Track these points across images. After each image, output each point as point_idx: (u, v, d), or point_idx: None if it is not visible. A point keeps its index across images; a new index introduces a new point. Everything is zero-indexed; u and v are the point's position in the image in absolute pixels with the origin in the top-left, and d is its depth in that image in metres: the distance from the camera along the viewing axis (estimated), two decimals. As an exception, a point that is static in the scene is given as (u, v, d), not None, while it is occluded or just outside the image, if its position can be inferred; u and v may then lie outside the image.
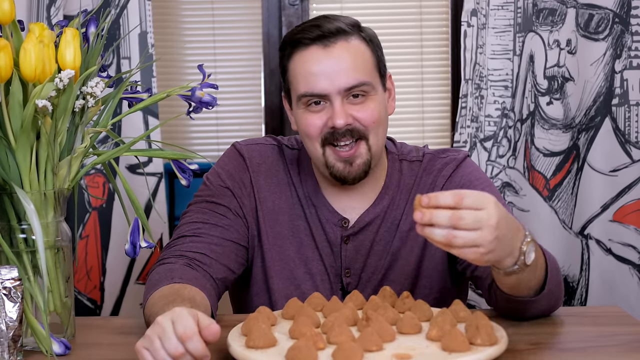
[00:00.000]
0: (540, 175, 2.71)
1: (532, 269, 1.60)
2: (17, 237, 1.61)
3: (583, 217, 2.64)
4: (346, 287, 1.90)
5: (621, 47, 2.56)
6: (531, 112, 2.72)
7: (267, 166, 1.94)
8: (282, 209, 1.92)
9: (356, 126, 1.82)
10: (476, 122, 2.77)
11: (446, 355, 1.42)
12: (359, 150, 1.83)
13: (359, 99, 1.83)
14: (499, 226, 1.47)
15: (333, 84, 1.81)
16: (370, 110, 1.83)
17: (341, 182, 1.86)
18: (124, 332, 1.75)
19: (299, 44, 1.85)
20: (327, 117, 1.82)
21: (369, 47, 1.87)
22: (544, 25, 2.69)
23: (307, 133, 1.84)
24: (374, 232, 1.91)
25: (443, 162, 1.94)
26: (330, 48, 1.83)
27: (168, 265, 1.78)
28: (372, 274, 1.91)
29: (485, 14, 2.74)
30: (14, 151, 1.56)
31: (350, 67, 1.82)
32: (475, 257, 1.48)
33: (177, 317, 1.40)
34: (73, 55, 1.57)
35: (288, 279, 1.91)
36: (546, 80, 2.70)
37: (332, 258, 1.91)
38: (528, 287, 1.66)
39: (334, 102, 1.81)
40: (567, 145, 2.67)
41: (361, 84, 1.82)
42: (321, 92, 1.82)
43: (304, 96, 1.83)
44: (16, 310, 1.50)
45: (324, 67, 1.82)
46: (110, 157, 1.67)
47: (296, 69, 1.85)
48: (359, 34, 1.87)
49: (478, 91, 2.76)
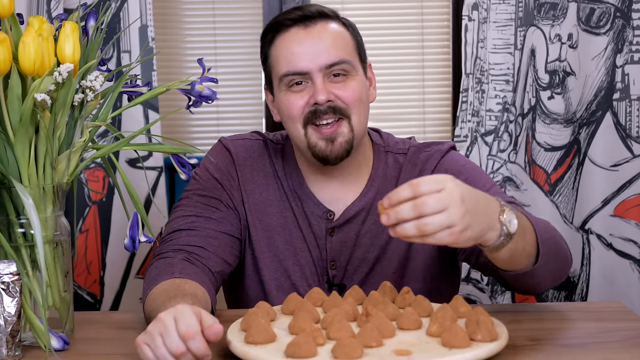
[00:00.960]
0: (541, 170, 2.71)
1: (521, 236, 1.57)
2: (16, 232, 1.60)
3: (584, 212, 2.63)
4: (332, 280, 1.91)
5: (622, 41, 2.56)
6: (532, 106, 2.72)
7: (253, 160, 1.96)
8: (270, 201, 1.93)
9: (338, 104, 1.84)
10: (477, 117, 2.76)
11: (446, 351, 1.42)
12: (341, 128, 1.84)
13: (340, 78, 1.85)
14: (465, 200, 1.44)
15: (314, 61, 1.83)
16: (351, 88, 1.85)
17: (323, 162, 1.86)
18: (123, 327, 1.75)
19: (280, 26, 1.88)
20: (309, 95, 1.84)
21: (349, 31, 1.91)
22: (545, 20, 2.68)
23: (290, 114, 1.86)
24: (359, 224, 1.92)
25: (427, 155, 1.94)
26: (311, 28, 1.86)
27: (167, 260, 1.78)
28: (358, 266, 1.91)
29: (486, 8, 2.73)
30: (12, 145, 1.56)
31: (330, 45, 1.85)
32: (454, 239, 1.44)
33: (180, 315, 1.39)
34: (72, 49, 1.57)
35: (278, 271, 1.92)
36: (547, 74, 2.69)
37: (317, 250, 1.92)
38: (526, 255, 1.63)
39: (315, 79, 1.83)
40: (568, 139, 2.67)
41: (342, 62, 1.85)
42: (302, 70, 1.84)
43: (285, 76, 1.85)
44: (14, 305, 1.50)
45: (305, 46, 1.85)
46: (110, 151, 1.67)
47: (277, 51, 1.88)
48: (339, 19, 1.91)
49: (479, 85, 2.75)
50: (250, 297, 1.94)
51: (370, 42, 3.19)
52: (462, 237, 1.45)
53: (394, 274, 1.91)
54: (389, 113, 3.24)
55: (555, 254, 1.72)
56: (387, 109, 3.24)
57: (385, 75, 3.23)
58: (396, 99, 3.25)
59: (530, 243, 1.63)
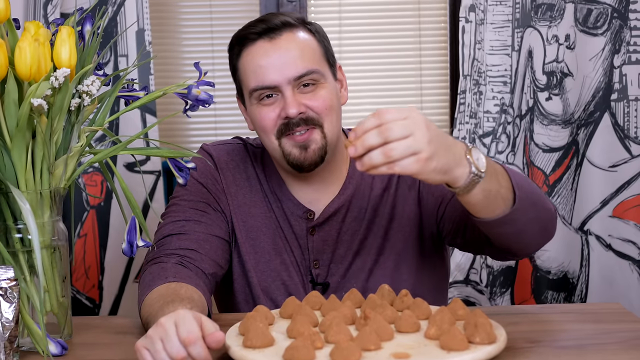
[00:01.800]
0: (539, 171, 2.71)
1: (493, 175, 1.58)
2: (13, 237, 1.60)
3: (583, 213, 2.63)
4: (316, 279, 1.93)
5: (620, 42, 2.56)
6: (530, 107, 2.72)
7: (235, 163, 1.98)
8: (253, 203, 1.95)
9: (309, 114, 1.85)
10: (475, 118, 2.76)
11: (445, 354, 1.41)
12: (313, 135, 1.85)
13: (310, 88, 1.86)
14: (430, 128, 1.46)
15: (282, 74, 1.83)
16: (322, 98, 1.86)
17: (298, 169, 1.88)
18: (121, 331, 1.74)
19: (245, 40, 1.89)
20: (280, 108, 1.85)
21: (315, 38, 1.90)
22: (543, 21, 2.68)
23: (263, 127, 1.87)
24: (339, 221, 1.94)
25: None
26: (277, 40, 1.86)
27: (160, 265, 1.78)
28: (341, 263, 1.93)
29: (483, 9, 2.73)
30: (9, 150, 1.55)
31: (297, 56, 1.85)
32: (420, 166, 1.45)
33: (181, 320, 1.39)
34: (69, 54, 1.57)
35: (264, 272, 1.93)
36: (545, 75, 2.69)
37: (300, 250, 1.93)
38: (501, 198, 1.62)
39: (285, 92, 1.84)
40: (567, 140, 2.67)
41: (310, 72, 1.85)
42: (271, 84, 1.84)
43: (255, 90, 1.86)
44: (12, 311, 1.49)
45: (272, 59, 1.85)
46: (107, 155, 1.67)
47: (245, 64, 1.88)
48: (304, 26, 1.90)
49: (477, 87, 2.75)
50: (238, 299, 1.95)
51: (367, 45, 3.20)
52: (428, 166, 1.46)
53: (371, 264, 1.92)
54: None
55: (534, 202, 1.69)
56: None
57: (383, 77, 3.23)
58: (393, 101, 3.25)
59: (505, 186, 1.62)
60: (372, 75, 3.22)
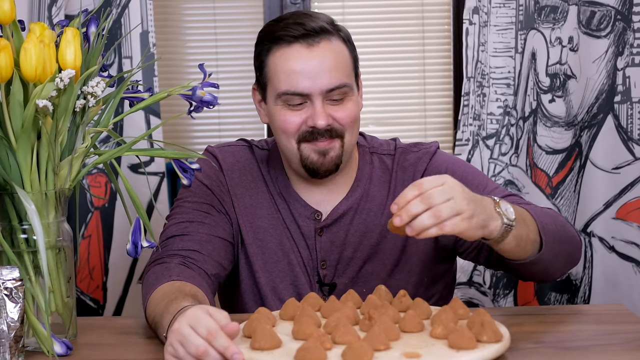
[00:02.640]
0: (542, 173, 2.71)
1: (521, 222, 1.68)
2: (18, 238, 1.61)
3: (586, 215, 2.63)
4: (323, 279, 1.93)
5: (623, 44, 2.56)
6: (533, 109, 2.72)
7: (240, 165, 1.97)
8: (259, 204, 1.95)
9: (335, 126, 1.85)
10: (478, 120, 2.77)
11: (454, 353, 1.42)
12: (333, 144, 1.85)
13: (338, 99, 1.85)
14: (465, 191, 1.59)
15: (315, 84, 1.82)
16: (348, 110, 1.86)
17: (313, 174, 1.88)
18: (125, 332, 1.75)
19: (280, 40, 1.86)
20: (307, 115, 1.84)
21: (347, 47, 1.89)
22: (546, 23, 2.69)
23: (284, 129, 1.86)
24: (347, 223, 1.94)
25: (416, 157, 1.97)
26: (314, 47, 1.84)
27: (163, 265, 1.79)
28: (348, 265, 1.93)
29: (487, 11, 2.74)
30: (14, 151, 1.56)
31: (332, 67, 1.84)
32: (467, 225, 1.56)
33: (194, 320, 1.41)
34: (74, 55, 1.57)
35: (272, 272, 1.93)
36: (548, 77, 2.69)
37: (307, 251, 1.93)
38: (530, 242, 1.72)
39: (315, 102, 1.83)
40: (570, 142, 2.67)
41: (342, 86, 1.84)
42: (303, 92, 1.83)
43: (284, 94, 1.84)
44: (17, 311, 1.50)
45: (307, 66, 1.83)
46: (112, 156, 1.67)
47: (277, 65, 1.86)
48: (338, 34, 1.88)
49: (480, 89, 2.75)
50: (246, 299, 1.95)
51: (371, 47, 3.21)
52: (472, 224, 1.58)
53: (385, 274, 1.93)
54: (390, 117, 3.24)
55: (560, 238, 1.79)
56: (388, 112, 3.24)
57: (387, 80, 3.23)
58: (397, 103, 3.25)
59: (533, 230, 1.72)
60: (376, 77, 3.23)
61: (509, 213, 1.65)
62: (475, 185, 1.86)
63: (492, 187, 1.92)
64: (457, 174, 1.83)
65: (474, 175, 1.95)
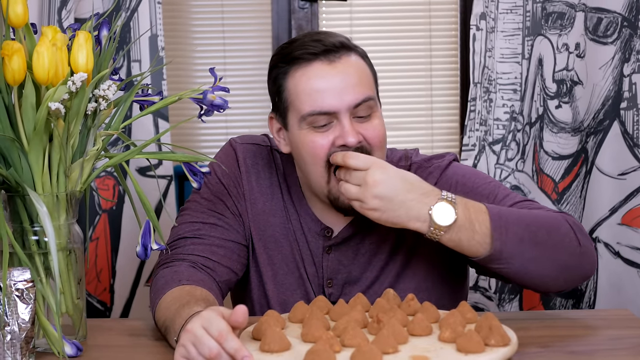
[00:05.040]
0: (548, 179, 2.72)
1: (464, 228, 1.69)
2: (30, 239, 1.62)
3: (591, 221, 2.64)
4: (328, 297, 1.87)
5: (630, 50, 2.56)
6: (540, 115, 2.73)
7: (259, 167, 1.93)
8: (273, 211, 1.91)
9: (364, 145, 1.78)
10: (485, 126, 2.77)
11: (462, 356, 1.43)
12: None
13: (365, 116, 1.79)
14: (379, 186, 1.67)
15: (342, 100, 1.75)
16: (377, 129, 1.80)
17: (338, 209, 1.84)
18: (134, 334, 1.76)
19: (299, 60, 1.78)
20: (335, 136, 1.77)
21: (366, 62, 1.84)
22: (553, 29, 2.69)
23: (314, 154, 1.78)
24: (357, 243, 1.90)
25: (428, 172, 1.90)
26: (336, 63, 1.77)
27: (173, 268, 1.79)
28: (355, 285, 1.89)
29: (494, 17, 2.75)
30: (26, 153, 1.57)
31: (356, 82, 1.77)
32: (364, 213, 1.70)
33: (207, 321, 1.42)
34: (85, 59, 1.59)
35: (283, 285, 1.91)
36: (555, 83, 2.70)
37: (314, 267, 1.90)
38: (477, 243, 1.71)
39: (343, 120, 1.76)
40: (576, 148, 2.68)
41: (368, 99, 1.78)
42: (330, 110, 1.76)
43: (310, 115, 1.77)
44: (29, 312, 1.51)
45: (331, 83, 1.76)
46: (122, 159, 1.68)
47: (299, 86, 1.78)
48: (356, 50, 1.83)
49: (487, 95, 2.76)
50: (256, 308, 1.93)
51: (378, 52, 3.22)
52: (372, 215, 1.70)
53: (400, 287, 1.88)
54: (397, 122, 3.25)
55: (537, 240, 1.72)
56: (395, 117, 3.25)
57: (394, 85, 3.24)
58: (404, 108, 3.26)
59: (482, 233, 1.70)
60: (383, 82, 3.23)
61: (440, 220, 1.67)
62: (485, 195, 1.83)
63: (502, 196, 1.85)
64: (467, 186, 1.84)
65: (485, 186, 1.87)
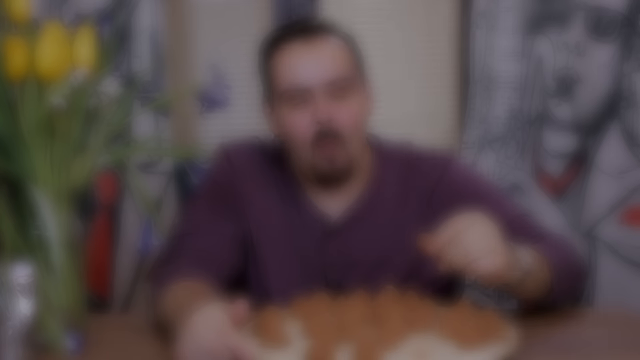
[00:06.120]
0: (548, 177, 2.72)
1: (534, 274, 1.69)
2: (31, 234, 1.62)
3: (591, 219, 2.64)
4: (330, 285, 1.89)
5: (630, 49, 2.57)
6: (539, 113, 2.73)
7: (252, 166, 1.95)
8: (269, 208, 1.93)
9: (334, 126, 1.81)
10: (484, 124, 2.78)
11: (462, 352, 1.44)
12: (337, 150, 1.82)
13: (340, 97, 1.82)
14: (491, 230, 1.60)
15: (314, 76, 1.81)
16: (352, 110, 1.83)
17: (323, 181, 1.88)
18: (135, 329, 1.77)
19: (279, 41, 1.86)
20: (312, 113, 1.81)
21: (349, 45, 1.88)
22: (553, 27, 2.70)
23: (296, 133, 1.83)
24: (357, 229, 1.92)
25: (430, 166, 1.95)
26: (312, 42, 1.83)
27: (173, 264, 1.81)
28: (357, 270, 1.91)
29: (494, 15, 2.75)
30: (29, 149, 1.58)
31: (331, 60, 1.82)
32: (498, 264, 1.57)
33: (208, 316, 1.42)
34: (88, 54, 1.59)
35: (282, 276, 1.92)
36: (555, 82, 2.70)
37: (315, 255, 1.91)
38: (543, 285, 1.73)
39: (316, 96, 1.80)
40: (575, 147, 2.68)
41: (343, 79, 1.82)
42: (303, 85, 1.81)
43: (286, 92, 1.82)
44: (30, 306, 1.51)
45: (306, 60, 1.82)
46: (123, 155, 1.69)
47: (277, 65, 1.84)
48: (338, 33, 1.88)
49: (486, 92, 2.76)
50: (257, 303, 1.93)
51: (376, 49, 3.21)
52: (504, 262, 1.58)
53: (395, 280, 1.87)
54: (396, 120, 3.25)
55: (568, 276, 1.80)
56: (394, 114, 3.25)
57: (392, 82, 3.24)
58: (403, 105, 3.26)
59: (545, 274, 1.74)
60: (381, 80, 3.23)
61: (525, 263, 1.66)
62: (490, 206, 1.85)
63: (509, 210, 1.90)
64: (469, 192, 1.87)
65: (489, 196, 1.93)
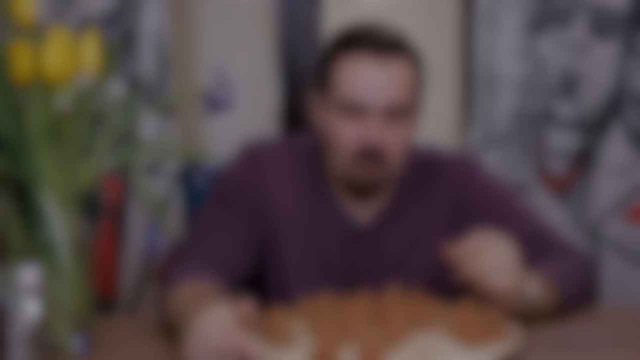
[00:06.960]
0: (552, 176, 2.73)
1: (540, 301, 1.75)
2: (38, 236, 1.63)
3: (595, 217, 2.65)
4: (355, 288, 1.86)
5: (632, 47, 2.57)
6: (543, 112, 2.73)
7: (278, 165, 1.94)
8: (295, 208, 1.92)
9: (382, 148, 1.81)
10: (488, 123, 2.78)
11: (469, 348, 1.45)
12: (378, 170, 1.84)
13: (394, 120, 1.82)
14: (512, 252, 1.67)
15: (375, 99, 1.80)
16: (400, 136, 1.84)
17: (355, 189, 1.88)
18: (143, 330, 1.77)
19: (352, 46, 1.84)
20: (363, 129, 1.81)
21: (417, 67, 1.89)
22: (556, 26, 2.70)
23: (341, 142, 1.83)
24: (384, 234, 1.92)
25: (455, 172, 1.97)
26: (383, 59, 1.82)
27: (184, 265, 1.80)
28: (382, 274, 1.90)
29: (497, 14, 2.75)
30: (35, 152, 1.59)
31: (396, 83, 1.82)
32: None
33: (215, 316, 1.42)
34: (93, 58, 1.60)
35: (302, 278, 1.91)
36: (558, 80, 2.71)
37: (340, 258, 1.91)
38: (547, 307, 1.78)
39: (372, 117, 1.80)
40: (579, 145, 2.68)
41: (400, 107, 1.82)
42: (363, 104, 1.80)
43: (344, 101, 1.82)
44: (37, 308, 1.52)
45: (373, 79, 1.81)
46: (129, 157, 1.70)
47: (343, 71, 1.83)
48: (411, 52, 1.88)
49: (490, 91, 2.77)
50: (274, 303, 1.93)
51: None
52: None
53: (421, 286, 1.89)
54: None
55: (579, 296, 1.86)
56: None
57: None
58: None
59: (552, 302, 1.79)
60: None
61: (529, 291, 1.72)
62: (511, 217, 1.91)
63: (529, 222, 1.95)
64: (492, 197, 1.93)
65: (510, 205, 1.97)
